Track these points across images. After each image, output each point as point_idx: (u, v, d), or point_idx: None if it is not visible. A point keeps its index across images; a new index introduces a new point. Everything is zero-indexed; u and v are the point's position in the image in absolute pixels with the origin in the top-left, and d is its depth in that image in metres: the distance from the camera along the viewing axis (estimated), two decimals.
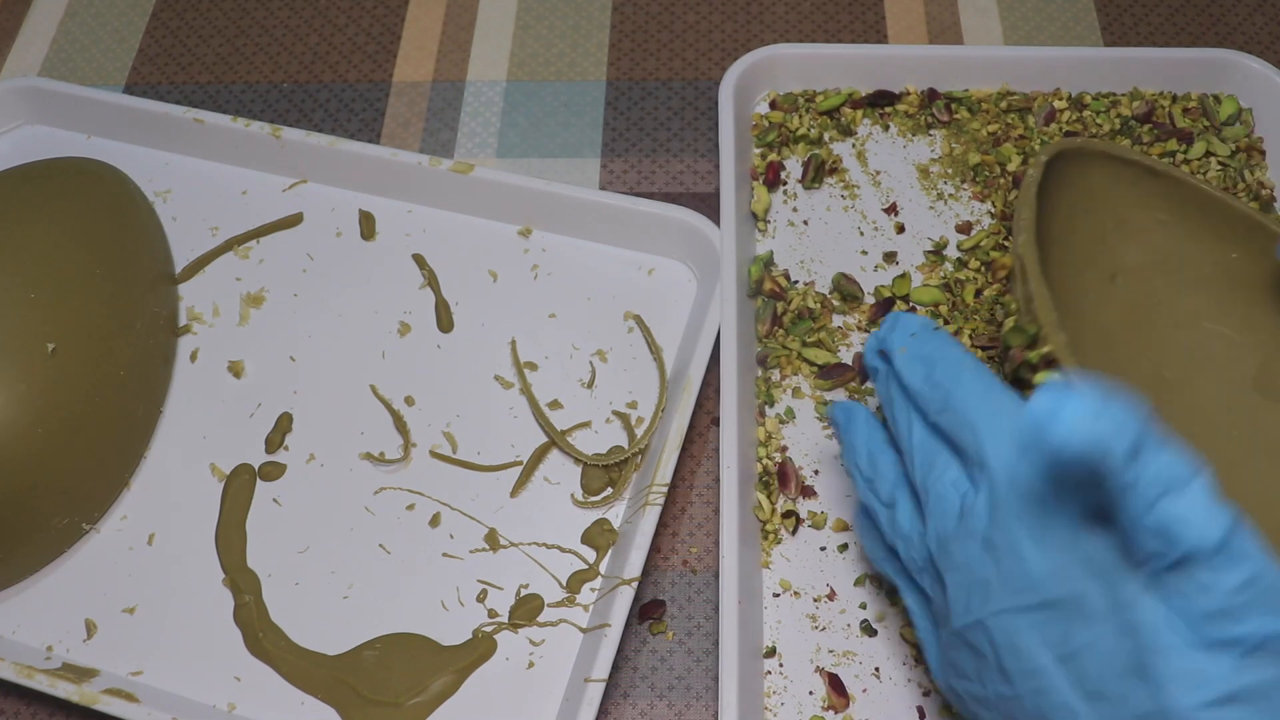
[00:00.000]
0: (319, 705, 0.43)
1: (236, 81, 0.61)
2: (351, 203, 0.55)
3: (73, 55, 0.62)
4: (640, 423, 0.48)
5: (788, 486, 0.46)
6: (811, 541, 0.45)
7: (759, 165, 0.54)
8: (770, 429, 0.47)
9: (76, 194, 0.50)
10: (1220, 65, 0.55)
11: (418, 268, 0.53)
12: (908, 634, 0.43)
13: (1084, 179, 0.44)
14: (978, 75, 0.55)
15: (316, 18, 0.63)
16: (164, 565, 0.46)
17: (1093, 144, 0.43)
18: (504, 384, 0.50)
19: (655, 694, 0.43)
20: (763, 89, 0.56)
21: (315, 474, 0.48)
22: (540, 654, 0.44)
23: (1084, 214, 0.45)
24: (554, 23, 0.62)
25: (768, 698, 0.42)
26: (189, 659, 0.44)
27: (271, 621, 0.45)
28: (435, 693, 0.43)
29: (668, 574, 0.46)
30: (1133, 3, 0.61)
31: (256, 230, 0.55)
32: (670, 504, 0.47)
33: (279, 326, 0.52)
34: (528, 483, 0.47)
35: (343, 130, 0.58)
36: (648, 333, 0.50)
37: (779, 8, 0.62)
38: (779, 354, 0.49)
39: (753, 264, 0.50)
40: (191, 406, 0.50)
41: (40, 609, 0.45)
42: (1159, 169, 0.43)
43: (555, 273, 0.53)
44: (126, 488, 0.48)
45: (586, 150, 0.57)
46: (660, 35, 0.61)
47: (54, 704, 0.44)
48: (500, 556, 0.46)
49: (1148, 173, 0.43)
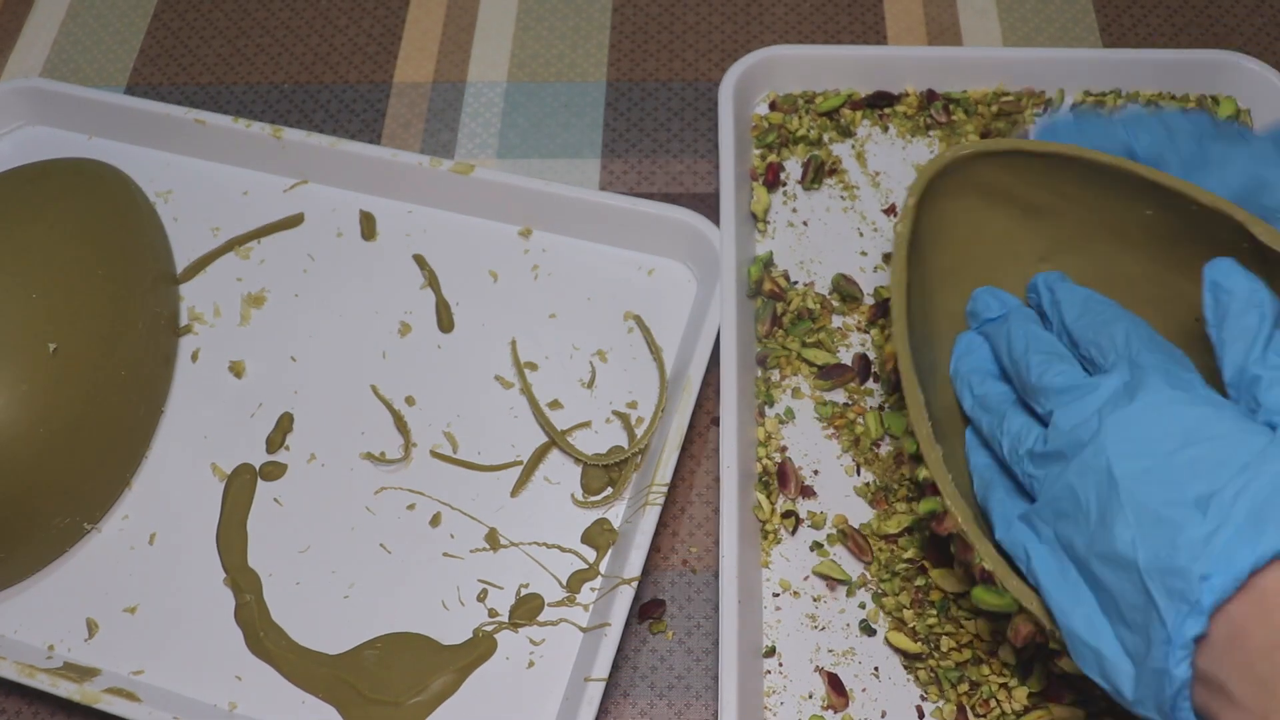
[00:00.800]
0: (320, 704, 0.43)
1: (238, 82, 0.61)
2: (352, 203, 0.55)
3: (74, 56, 0.63)
4: (640, 423, 0.49)
5: (787, 486, 0.46)
6: (811, 541, 0.46)
7: (759, 166, 0.54)
8: (770, 429, 0.48)
9: (78, 194, 0.50)
10: (1219, 66, 0.55)
11: (418, 268, 0.53)
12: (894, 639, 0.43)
13: (975, 179, 0.44)
14: (976, 76, 0.56)
15: (317, 19, 0.63)
16: (165, 565, 0.46)
17: (963, 150, 0.43)
18: (504, 384, 0.50)
19: (655, 693, 0.43)
20: (762, 90, 0.56)
21: (316, 474, 0.48)
22: (540, 653, 0.44)
23: (987, 209, 0.45)
24: (554, 23, 0.62)
25: (767, 697, 0.42)
26: (190, 658, 0.44)
27: (272, 621, 0.45)
28: (435, 692, 0.43)
29: (667, 574, 0.46)
30: (1131, 4, 0.61)
31: (257, 230, 0.55)
32: (670, 504, 0.47)
33: (280, 327, 0.52)
34: (528, 482, 0.48)
35: (343, 131, 0.58)
36: (648, 333, 0.50)
37: (779, 8, 0.62)
38: (779, 354, 0.49)
39: (752, 264, 0.50)
40: (193, 406, 0.50)
41: (42, 608, 0.46)
42: (1036, 149, 0.43)
43: (555, 273, 0.53)
44: (128, 487, 0.48)
45: (586, 151, 0.57)
46: (660, 36, 0.61)
47: (55, 703, 0.44)
48: (500, 556, 0.46)
49: (1028, 156, 0.43)
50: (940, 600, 0.43)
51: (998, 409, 0.39)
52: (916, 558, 0.44)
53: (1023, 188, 0.44)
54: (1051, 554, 0.34)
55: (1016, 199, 0.44)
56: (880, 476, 0.47)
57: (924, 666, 0.42)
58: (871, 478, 0.47)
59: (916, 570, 0.44)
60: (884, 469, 0.47)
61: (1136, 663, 0.31)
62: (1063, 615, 0.33)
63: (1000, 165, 0.43)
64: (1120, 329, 0.36)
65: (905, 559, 0.44)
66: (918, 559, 0.44)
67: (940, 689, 0.42)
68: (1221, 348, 0.34)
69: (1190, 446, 0.31)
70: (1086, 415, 0.34)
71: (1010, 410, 0.39)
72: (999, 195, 0.44)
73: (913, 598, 0.44)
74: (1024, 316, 0.41)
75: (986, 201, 0.44)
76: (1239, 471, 0.29)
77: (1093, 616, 0.32)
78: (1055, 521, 0.34)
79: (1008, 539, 0.36)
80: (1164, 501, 0.30)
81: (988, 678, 0.42)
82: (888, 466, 0.47)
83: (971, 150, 0.43)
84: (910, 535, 0.45)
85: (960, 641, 0.42)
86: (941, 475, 0.38)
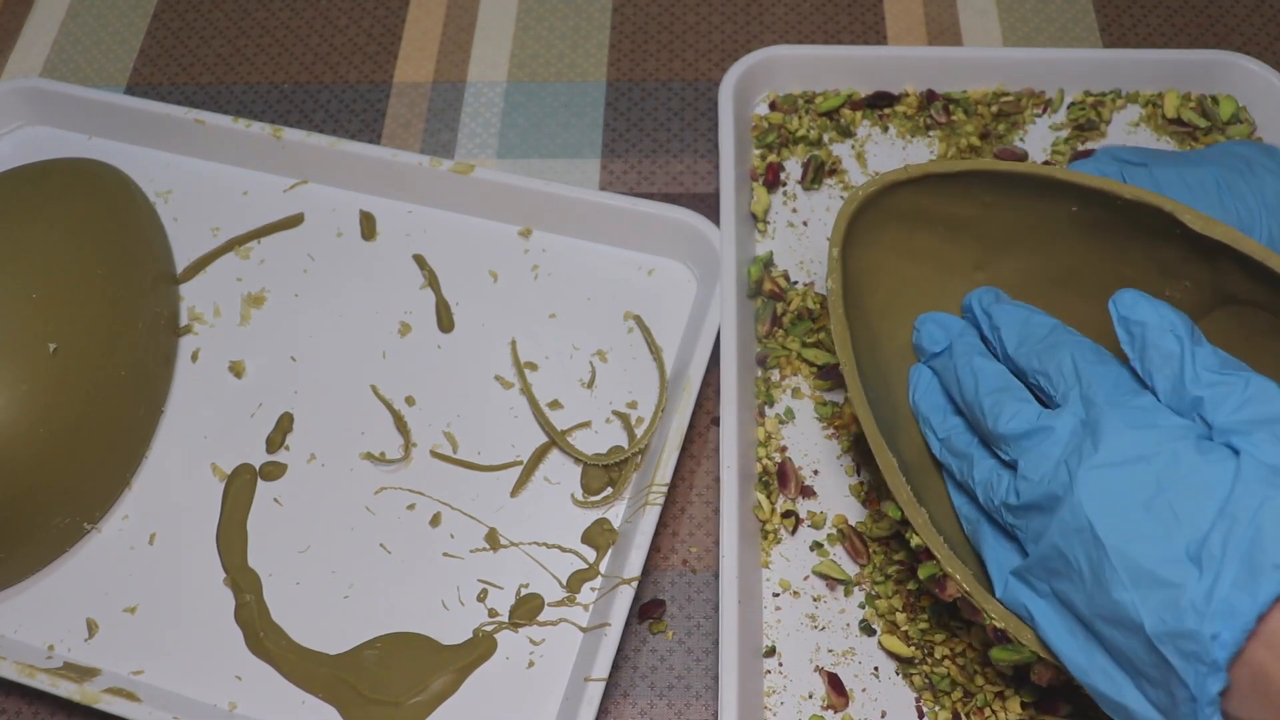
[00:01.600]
0: (320, 704, 0.43)
1: (238, 82, 0.61)
2: (352, 203, 0.55)
3: (74, 56, 0.63)
4: (640, 423, 0.49)
5: (787, 486, 0.46)
6: (811, 541, 0.46)
7: (759, 166, 0.54)
8: (770, 429, 0.48)
9: (78, 194, 0.50)
10: (1219, 66, 0.55)
11: (418, 268, 0.53)
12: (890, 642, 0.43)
13: (894, 209, 0.43)
14: (976, 76, 0.56)
15: (317, 19, 0.63)
16: (165, 565, 0.46)
17: (872, 186, 0.42)
18: (504, 384, 0.50)
19: (655, 693, 0.43)
20: (762, 90, 0.56)
21: (316, 474, 0.48)
22: (540, 653, 0.44)
23: (912, 233, 0.44)
24: (554, 23, 0.62)
25: (767, 697, 0.42)
26: (190, 658, 0.44)
27: (272, 621, 0.45)
28: (435, 692, 0.43)
29: (667, 574, 0.46)
30: (1131, 4, 0.61)
31: (257, 230, 0.55)
32: (670, 504, 0.47)
33: (280, 327, 0.52)
34: (528, 483, 0.48)
35: (343, 131, 0.58)
36: (648, 333, 0.50)
37: (779, 8, 0.62)
38: (779, 354, 0.49)
39: (752, 264, 0.50)
40: (193, 406, 0.50)
41: (42, 608, 0.46)
42: (945, 170, 0.42)
43: (555, 273, 0.53)
44: (128, 487, 0.48)
45: (586, 151, 0.57)
46: (660, 36, 0.61)
47: (55, 703, 0.44)
48: (500, 556, 0.46)
49: (940, 177, 0.43)
50: (931, 605, 0.43)
51: (964, 452, 0.39)
52: (908, 560, 0.44)
53: (943, 205, 0.43)
54: (1054, 611, 0.34)
55: (939, 217, 0.44)
56: (875, 477, 0.46)
57: (918, 672, 0.42)
58: (868, 477, 0.47)
59: (908, 573, 0.44)
60: (878, 470, 0.47)
61: (1164, 713, 0.31)
62: (1081, 673, 0.33)
63: (914, 191, 0.43)
64: (1065, 355, 0.36)
65: (897, 560, 0.44)
66: (909, 562, 0.44)
67: (934, 695, 0.42)
68: (1150, 377, 0.34)
69: (1165, 492, 0.31)
70: (1053, 464, 0.34)
71: (976, 454, 0.38)
72: (921, 218, 0.44)
73: (905, 601, 0.43)
74: (967, 348, 0.41)
75: (910, 226, 0.44)
76: (1219, 515, 0.30)
77: (1111, 672, 0.32)
78: (1050, 579, 0.34)
79: (1008, 599, 0.36)
80: (1156, 559, 0.30)
81: (982, 688, 0.41)
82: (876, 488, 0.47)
83: (882, 183, 0.42)
84: (902, 538, 0.45)
85: (954, 649, 0.42)
86: (933, 539, 0.37)
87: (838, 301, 0.41)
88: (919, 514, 0.38)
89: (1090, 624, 0.32)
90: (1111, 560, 0.31)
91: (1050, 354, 0.37)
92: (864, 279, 0.44)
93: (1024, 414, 0.36)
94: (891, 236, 0.44)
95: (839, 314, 0.41)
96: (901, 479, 0.38)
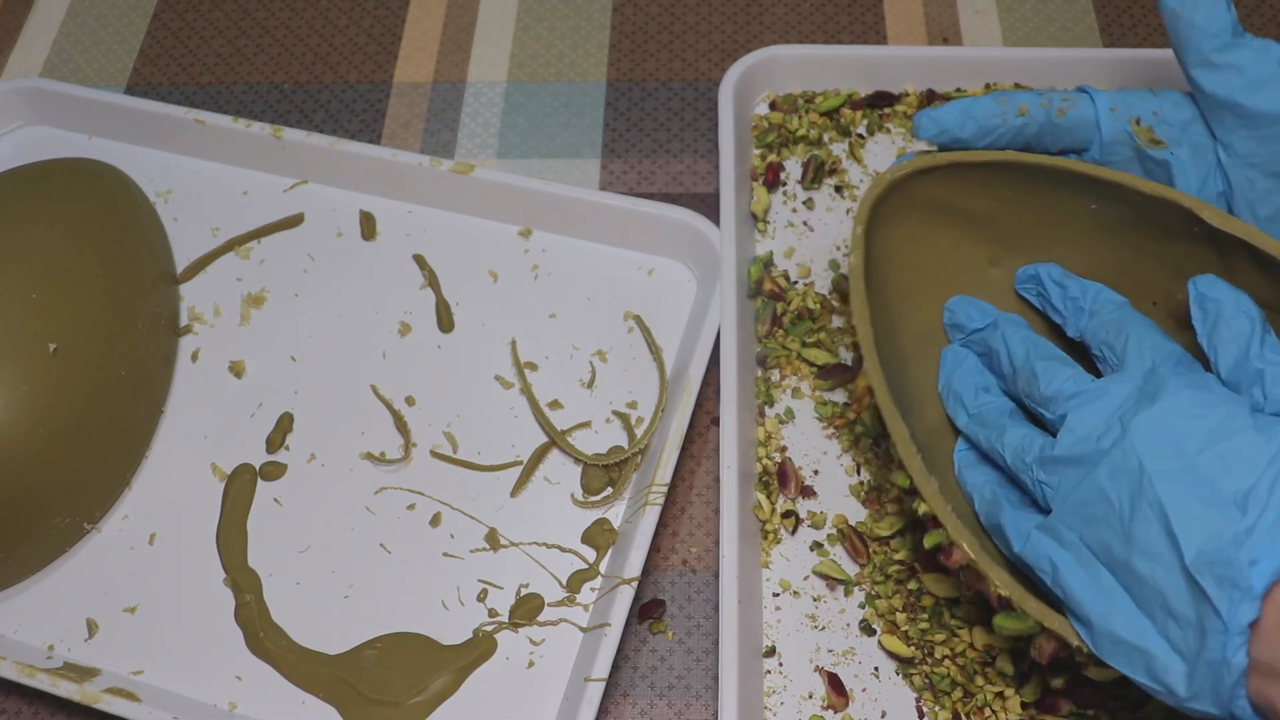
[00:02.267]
0: (320, 704, 0.43)
1: (237, 82, 0.61)
2: (352, 203, 0.55)
3: (74, 56, 0.63)
4: (640, 423, 0.49)
5: (787, 486, 0.46)
6: (811, 541, 0.46)
7: (759, 166, 0.54)
8: (770, 429, 0.48)
9: (78, 194, 0.50)
10: None
11: (418, 268, 0.53)
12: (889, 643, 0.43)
13: (917, 197, 0.43)
14: (976, 76, 0.56)
15: (317, 19, 0.63)
16: (165, 565, 0.46)
17: (902, 170, 0.43)
18: (504, 384, 0.50)
19: (655, 693, 0.43)
20: (762, 90, 0.56)
21: (316, 474, 0.48)
22: (540, 653, 0.44)
23: (932, 224, 0.44)
24: (554, 23, 0.62)
25: (767, 697, 0.42)
26: (190, 658, 0.44)
27: (272, 621, 0.45)
28: (435, 692, 0.43)
29: (667, 574, 0.46)
30: (1131, 4, 0.61)
31: (257, 230, 0.55)
32: (670, 504, 0.47)
33: (280, 327, 0.52)
34: (528, 483, 0.48)
35: (343, 131, 0.58)
36: (648, 333, 0.50)
37: (779, 8, 0.62)
38: (779, 354, 0.49)
39: (752, 264, 0.50)
40: (193, 406, 0.50)
41: (42, 608, 0.46)
42: (974, 160, 0.43)
43: (555, 273, 0.53)
44: (128, 487, 0.48)
45: (586, 151, 0.57)
46: (660, 36, 0.61)
47: (55, 703, 0.44)
48: (500, 556, 0.46)
49: (966, 166, 0.43)
50: (932, 605, 0.43)
51: (995, 423, 0.39)
52: (908, 560, 0.44)
53: (963, 198, 0.44)
54: (1078, 561, 0.34)
55: (959, 210, 0.44)
56: (875, 476, 0.47)
57: (918, 672, 0.42)
58: (868, 477, 0.47)
59: (908, 573, 0.44)
60: (879, 469, 0.47)
61: (1188, 658, 0.31)
62: (1102, 620, 0.33)
63: (939, 179, 0.43)
64: (1135, 330, 0.38)
65: (897, 560, 0.44)
66: (909, 561, 0.44)
67: (934, 695, 0.42)
68: (1215, 351, 0.35)
69: (1216, 444, 0.32)
70: (1105, 418, 0.35)
71: (1009, 423, 0.39)
72: (942, 209, 0.44)
73: (905, 601, 0.43)
74: (1013, 322, 0.42)
75: (931, 216, 0.44)
76: (1267, 467, 0.31)
77: (1134, 618, 0.32)
78: (1082, 527, 0.34)
79: (1029, 552, 0.36)
80: (1202, 499, 0.31)
81: (982, 688, 0.41)
82: (883, 465, 0.47)
83: (911, 169, 0.43)
84: (902, 538, 0.45)
85: (954, 649, 0.42)
86: (941, 507, 0.37)
87: (859, 276, 0.41)
88: (929, 483, 0.38)
89: (1124, 563, 0.33)
90: (1159, 494, 0.32)
91: (1120, 327, 0.38)
92: (882, 265, 0.44)
93: (1078, 377, 0.37)
94: (911, 226, 0.44)
95: (859, 288, 0.41)
96: (913, 448, 0.38)
